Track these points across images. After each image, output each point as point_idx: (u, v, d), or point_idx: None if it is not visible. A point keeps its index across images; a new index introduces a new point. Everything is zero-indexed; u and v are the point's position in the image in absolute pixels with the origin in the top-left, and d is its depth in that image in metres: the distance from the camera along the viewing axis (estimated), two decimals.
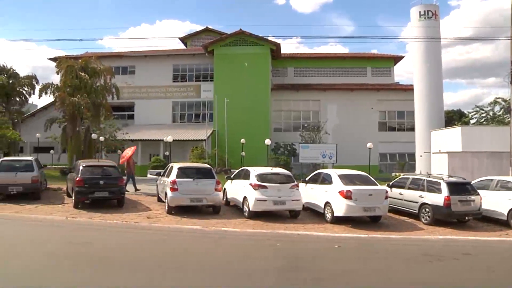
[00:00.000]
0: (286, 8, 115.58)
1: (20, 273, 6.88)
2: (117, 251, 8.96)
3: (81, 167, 14.42)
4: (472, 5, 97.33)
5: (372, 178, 13.61)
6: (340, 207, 12.34)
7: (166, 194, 13.75)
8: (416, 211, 13.50)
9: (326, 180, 13.63)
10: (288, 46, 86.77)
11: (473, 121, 36.26)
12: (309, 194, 14.15)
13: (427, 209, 13.11)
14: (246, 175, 13.81)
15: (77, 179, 13.91)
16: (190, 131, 33.27)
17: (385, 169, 33.60)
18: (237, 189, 14.32)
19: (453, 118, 42.21)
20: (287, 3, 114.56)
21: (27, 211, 13.58)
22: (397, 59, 39.33)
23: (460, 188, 13.12)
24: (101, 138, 26.74)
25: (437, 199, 12.84)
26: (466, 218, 13.09)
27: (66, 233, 10.82)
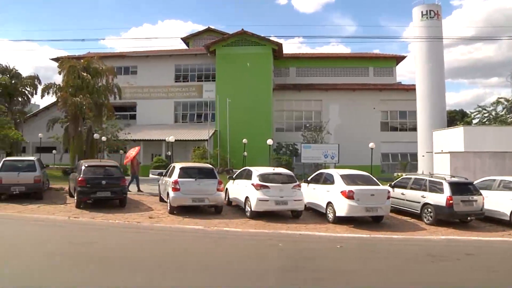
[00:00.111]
0: (288, 8, 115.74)
1: (20, 273, 6.89)
2: (118, 251, 8.98)
3: (83, 167, 14.45)
4: (475, 5, 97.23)
5: (374, 178, 13.58)
6: (342, 207, 12.33)
7: (168, 194, 13.75)
8: (418, 211, 13.47)
9: (328, 180, 13.61)
10: (290, 46, 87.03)
11: (475, 121, 36.10)
12: (311, 194, 14.15)
13: (429, 209, 13.08)
14: (248, 175, 13.81)
15: (79, 179, 13.93)
16: (192, 131, 33.29)
17: (387, 169, 33.56)
18: (239, 189, 14.31)
19: (455, 118, 42.11)
20: (289, 3, 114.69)
21: (29, 211, 13.62)
22: (399, 59, 39.27)
23: (462, 188, 13.08)
24: (103, 138, 26.78)
25: (439, 199, 12.81)
26: (469, 218, 13.06)
27: (67, 233, 10.85)
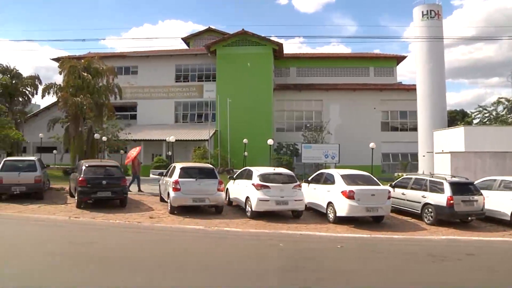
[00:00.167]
0: (288, 8, 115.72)
1: (20, 273, 6.89)
2: (119, 251, 8.98)
3: (83, 167, 14.45)
4: (475, 5, 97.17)
5: (374, 178, 13.59)
6: (343, 207, 12.32)
7: (168, 194, 13.75)
8: (419, 211, 13.46)
9: (328, 180, 13.61)
10: (291, 46, 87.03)
11: (476, 121, 36.07)
12: (312, 194, 14.14)
13: (430, 209, 13.07)
14: (249, 175, 13.80)
15: (80, 179, 13.94)
16: (193, 131, 33.29)
17: (388, 169, 33.55)
18: (239, 189, 14.31)
19: (456, 118, 42.05)
20: (289, 3, 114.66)
21: (30, 211, 13.63)
22: (399, 59, 39.26)
23: (463, 188, 13.08)
24: (104, 138, 26.76)
25: (440, 199, 12.80)
26: (469, 218, 13.03)
27: (68, 233, 10.85)
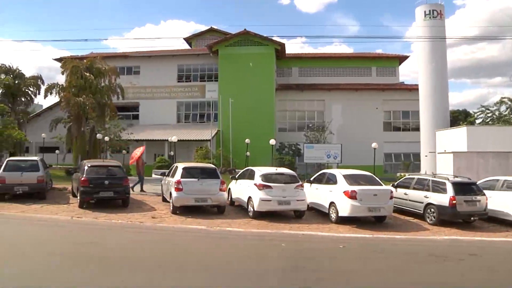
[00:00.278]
0: (290, 8, 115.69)
1: (20, 272, 6.89)
2: (120, 251, 8.98)
3: (86, 167, 14.49)
4: (478, 4, 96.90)
5: (377, 178, 13.58)
6: (345, 207, 12.32)
7: (171, 194, 13.78)
8: (421, 212, 13.43)
9: (331, 180, 13.61)
10: (293, 46, 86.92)
11: (478, 121, 35.99)
12: (314, 194, 14.14)
13: (432, 209, 13.04)
14: (251, 175, 13.80)
15: (82, 179, 13.98)
16: (195, 131, 33.31)
17: (390, 169, 33.48)
18: (241, 189, 14.31)
19: (459, 118, 41.97)
20: (291, 3, 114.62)
21: (32, 211, 13.66)
22: (402, 58, 39.19)
23: (465, 188, 13.05)
24: (106, 138, 26.82)
25: (442, 199, 12.78)
26: (472, 218, 12.99)
27: (70, 233, 10.88)
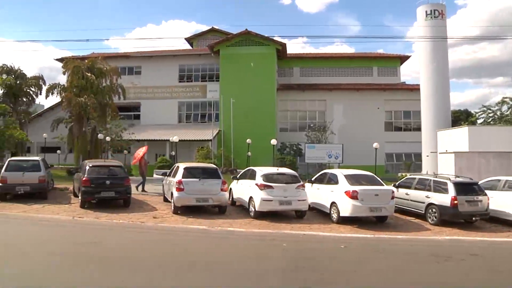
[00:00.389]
0: (291, 8, 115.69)
1: (20, 272, 6.89)
2: (122, 251, 8.98)
3: (87, 167, 14.50)
4: (480, 4, 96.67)
5: (378, 178, 13.56)
6: (346, 207, 12.30)
7: (172, 194, 13.78)
8: (423, 212, 13.41)
9: (332, 180, 13.59)
10: (294, 46, 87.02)
11: (480, 121, 35.91)
12: (315, 194, 14.12)
13: (433, 210, 13.02)
14: (252, 175, 13.80)
15: (84, 179, 13.99)
16: (196, 131, 33.32)
17: (392, 169, 33.42)
18: (243, 189, 14.31)
19: (460, 118, 41.91)
20: (292, 3, 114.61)
21: (34, 211, 13.69)
22: (403, 58, 39.12)
23: (467, 188, 13.02)
24: (108, 138, 26.85)
25: (444, 199, 12.76)
26: (473, 218, 12.96)
27: (71, 232, 10.89)
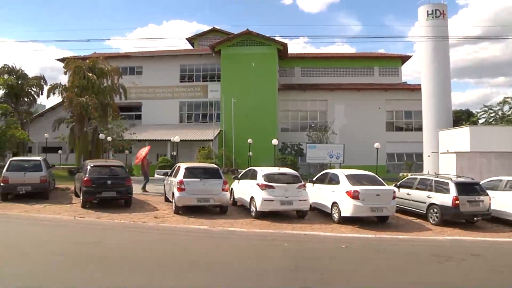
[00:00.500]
0: (292, 8, 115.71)
1: (21, 272, 6.89)
2: (119, 251, 8.97)
3: (88, 167, 14.51)
4: (481, 4, 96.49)
5: (379, 178, 13.54)
6: (348, 207, 12.29)
7: (173, 194, 13.78)
8: (424, 212, 13.39)
9: (333, 180, 13.58)
10: (295, 46, 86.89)
11: (481, 121, 35.82)
12: (316, 194, 14.11)
13: (435, 210, 13.00)
14: (253, 175, 13.80)
15: (85, 179, 13.99)
16: (197, 131, 33.36)
17: (393, 169, 33.43)
18: (244, 189, 14.31)
19: (461, 118, 41.83)
20: (293, 3, 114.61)
21: (35, 211, 13.69)
22: (404, 58, 39.11)
23: (468, 188, 13.00)
24: (109, 138, 26.89)
25: (445, 199, 12.74)
26: (475, 218, 12.93)
27: (72, 232, 10.89)
